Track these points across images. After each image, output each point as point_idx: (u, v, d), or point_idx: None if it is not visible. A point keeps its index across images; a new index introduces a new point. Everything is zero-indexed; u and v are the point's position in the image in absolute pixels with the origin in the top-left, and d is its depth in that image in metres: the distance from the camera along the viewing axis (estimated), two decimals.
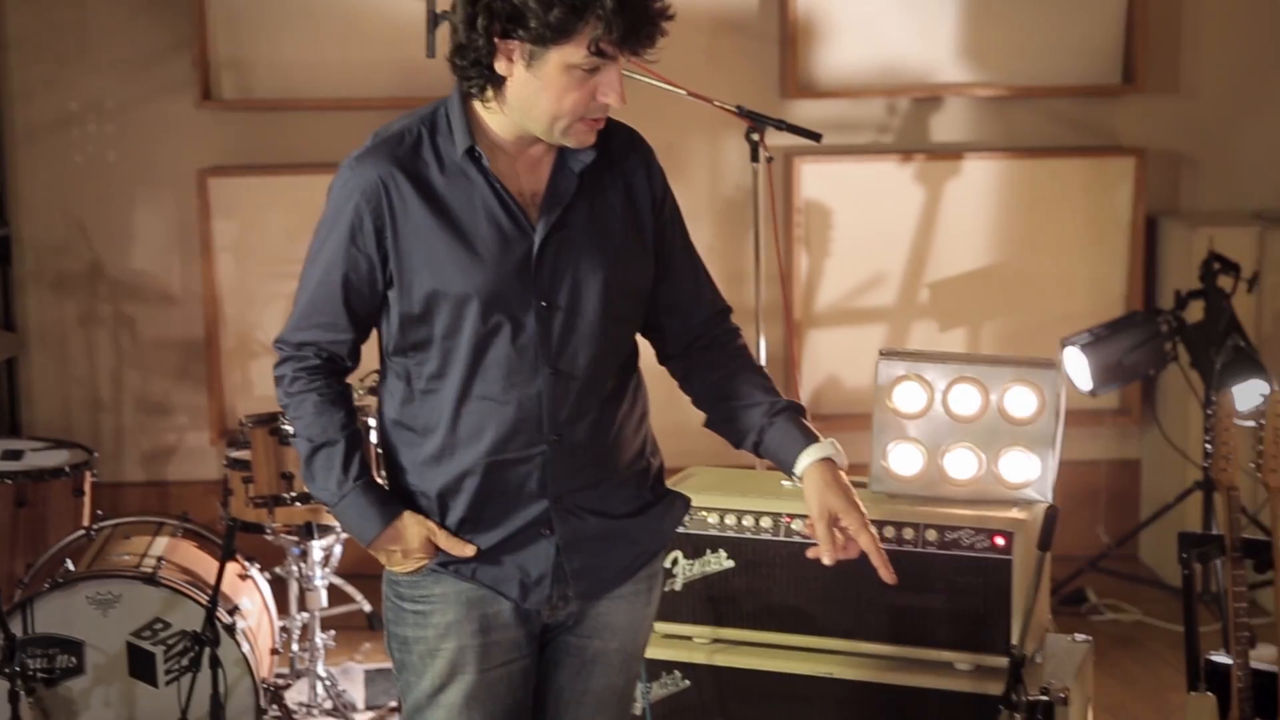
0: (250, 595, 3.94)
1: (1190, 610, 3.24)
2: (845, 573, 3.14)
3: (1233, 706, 2.95)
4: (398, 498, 2.48)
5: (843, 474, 2.49)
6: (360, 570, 4.14)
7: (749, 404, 2.53)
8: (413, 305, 2.41)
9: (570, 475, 2.46)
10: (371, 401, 3.60)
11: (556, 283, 2.42)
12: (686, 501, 2.66)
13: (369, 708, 4.21)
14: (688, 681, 3.26)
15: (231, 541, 3.67)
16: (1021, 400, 3.14)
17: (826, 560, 2.48)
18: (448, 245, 2.39)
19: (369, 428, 3.04)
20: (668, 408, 2.87)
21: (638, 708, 3.23)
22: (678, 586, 3.26)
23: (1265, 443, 2.97)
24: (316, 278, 2.45)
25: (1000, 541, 3.06)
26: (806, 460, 2.48)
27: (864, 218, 5.18)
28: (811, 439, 2.49)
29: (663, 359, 2.61)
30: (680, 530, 3.24)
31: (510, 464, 2.43)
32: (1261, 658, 3.10)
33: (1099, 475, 5.29)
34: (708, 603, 3.27)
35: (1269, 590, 3.31)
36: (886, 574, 2.45)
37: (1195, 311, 4.76)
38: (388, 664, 2.81)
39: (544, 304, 2.41)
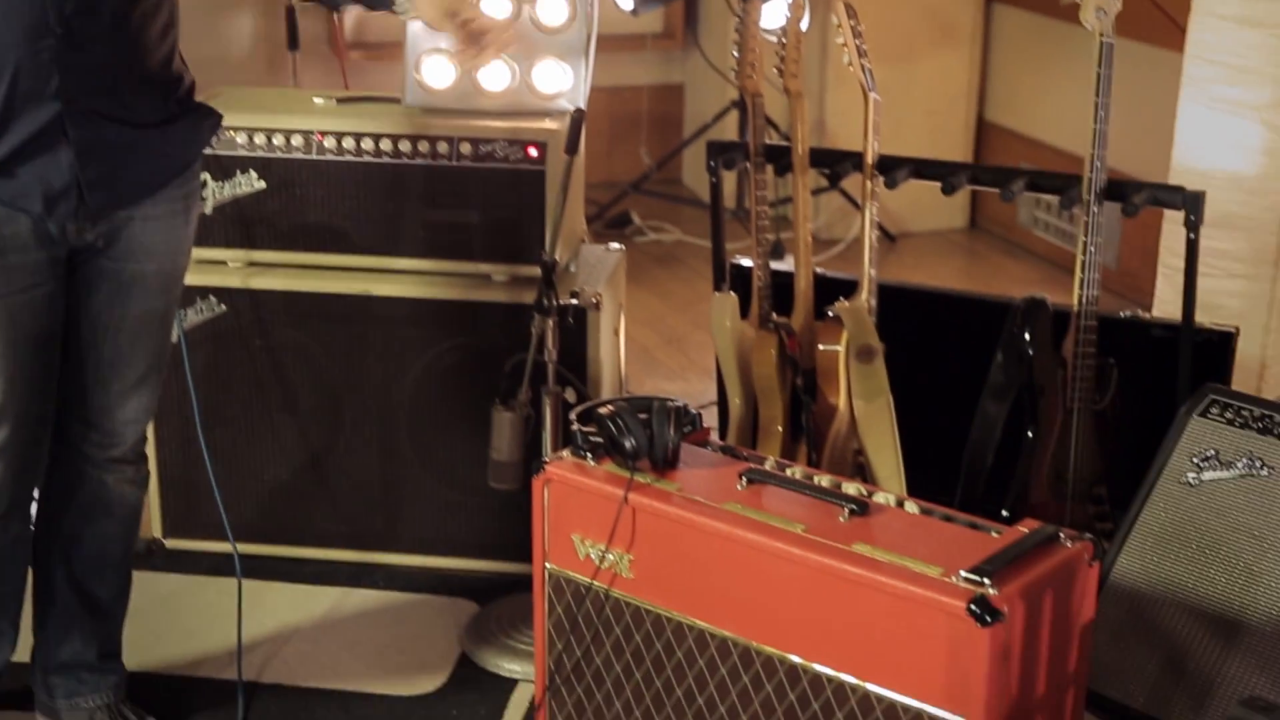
0: None
1: (717, 215, 3.37)
2: (379, 189, 3.12)
3: (753, 304, 3.10)
4: None
5: None
6: None
7: None
8: None
9: (83, 76, 2.30)
10: None
11: None
12: (217, 118, 2.54)
13: None
14: (223, 306, 3.18)
15: None
16: (552, 8, 3.09)
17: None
18: None
19: None
20: None
21: (174, 334, 3.13)
22: (208, 210, 3.14)
23: (787, 49, 3.04)
24: None
25: (533, 152, 3.06)
26: None
27: None
28: None
29: None
30: (208, 152, 3.11)
31: (15, 60, 2.24)
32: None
33: (642, 100, 5.37)
34: (240, 225, 3.16)
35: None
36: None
37: None
38: None
39: None
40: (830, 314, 3.02)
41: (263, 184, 3.13)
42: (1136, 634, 2.45)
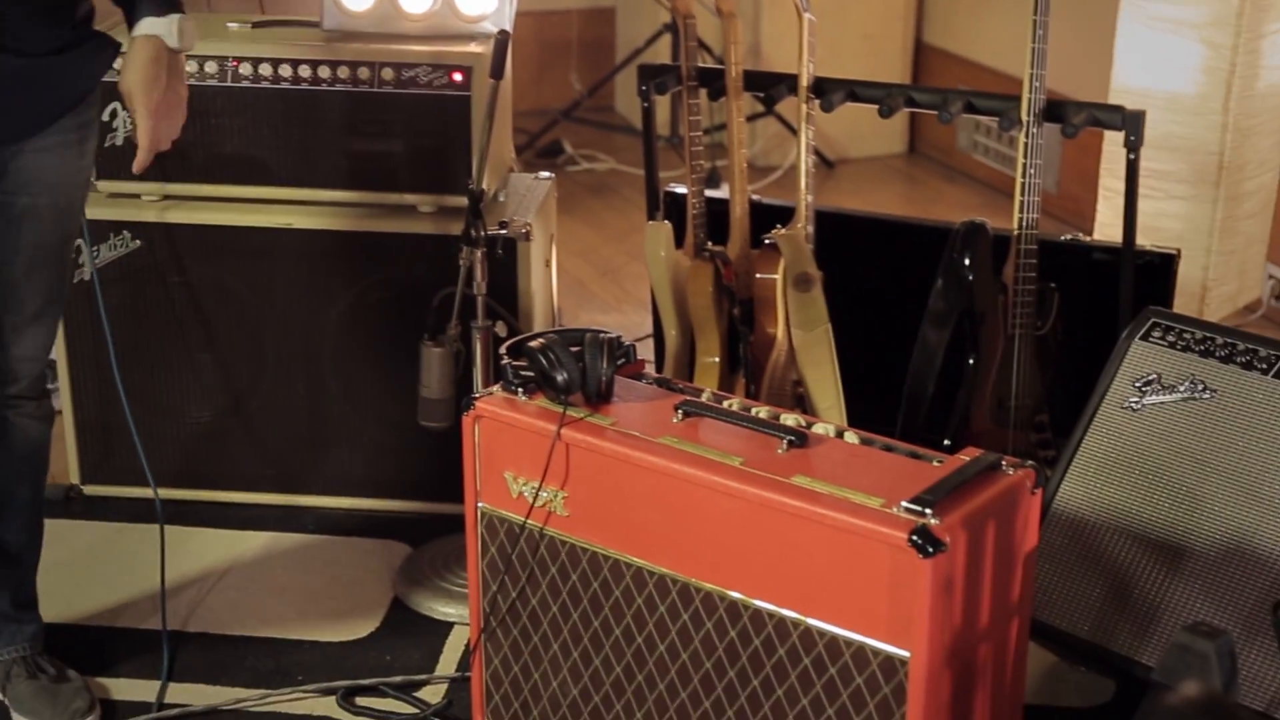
0: None
1: (649, 142, 3.29)
2: (298, 117, 3.01)
3: (688, 233, 3.02)
4: None
5: (172, 58, 2.37)
6: None
7: None
8: None
9: None
10: None
11: None
12: (116, 46, 2.43)
13: None
14: (139, 241, 3.07)
15: None
16: None
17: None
18: None
19: None
20: None
21: (86, 272, 3.02)
22: (119, 141, 3.02)
23: None
24: None
25: (458, 78, 2.96)
26: (138, 31, 2.34)
27: None
28: (165, 11, 2.34)
29: None
30: (115, 79, 3.00)
31: None
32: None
33: (572, 24, 5.25)
34: (155, 158, 3.03)
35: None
36: (138, 164, 2.40)
37: None
38: None
39: None
40: (767, 242, 2.96)
41: None
42: (1081, 562, 2.41)
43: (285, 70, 2.98)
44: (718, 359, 2.98)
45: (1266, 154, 3.58)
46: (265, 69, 2.98)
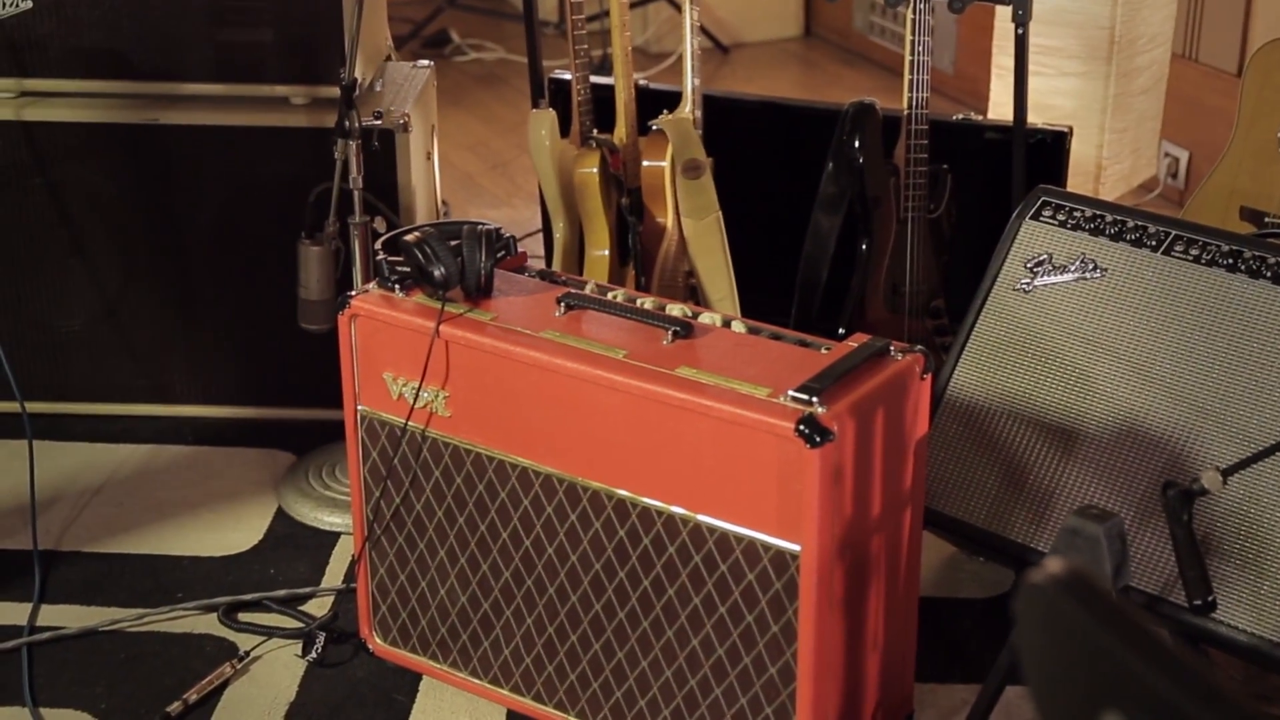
0: None
1: (531, 27, 3.18)
2: (160, 6, 2.86)
3: (574, 119, 2.92)
4: None
5: None
6: None
7: None
8: None
9: None
10: None
11: None
12: None
13: None
14: None
15: None
16: None
17: None
18: None
19: None
20: None
21: None
22: None
23: None
24: None
25: None
26: None
27: None
28: None
29: None
30: None
31: None
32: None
33: None
34: (7, 51, 2.89)
35: None
36: None
37: None
38: None
39: None
40: (653, 128, 2.87)
41: (29, 3, 2.84)
42: (975, 449, 2.37)
43: None
44: (607, 251, 2.90)
45: (1158, 28, 3.53)
46: None
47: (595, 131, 2.91)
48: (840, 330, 2.82)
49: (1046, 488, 2.30)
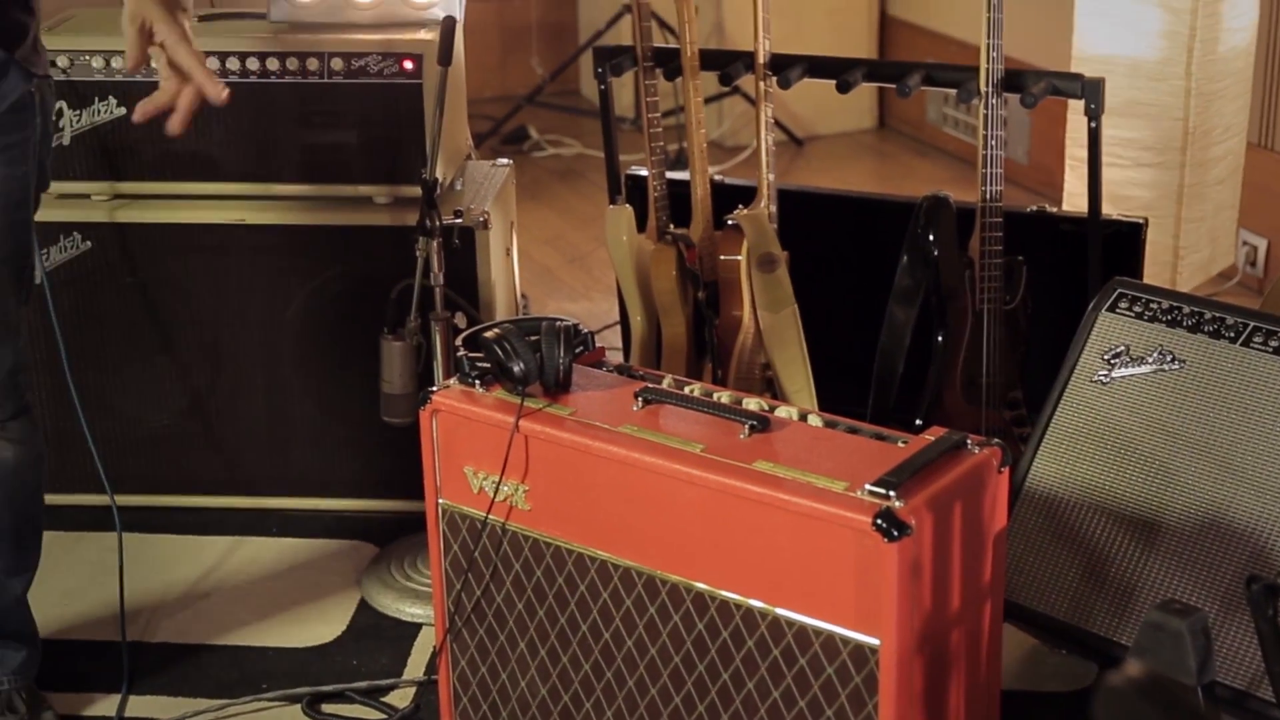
0: None
1: (608, 125, 3.23)
2: (248, 111, 2.95)
3: (650, 214, 2.97)
4: None
5: None
6: None
7: None
8: None
9: None
10: None
11: None
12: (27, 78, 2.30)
13: None
14: (89, 243, 3.01)
15: None
16: None
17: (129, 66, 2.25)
18: None
19: None
20: None
21: (36, 276, 2.96)
22: (66, 140, 2.96)
23: None
24: None
25: (409, 65, 2.90)
26: None
27: None
28: None
29: None
30: (61, 78, 2.94)
31: None
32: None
33: (531, 8, 5.19)
34: (102, 155, 2.99)
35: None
36: (213, 91, 2.24)
37: None
38: None
39: None
40: (729, 223, 2.90)
41: (123, 110, 2.95)
42: (1055, 541, 2.36)
43: (234, 63, 2.92)
44: (685, 344, 2.92)
45: (1232, 118, 3.53)
46: (213, 63, 2.90)
47: (671, 226, 2.95)
48: (917, 423, 2.83)
49: (1128, 580, 2.28)
